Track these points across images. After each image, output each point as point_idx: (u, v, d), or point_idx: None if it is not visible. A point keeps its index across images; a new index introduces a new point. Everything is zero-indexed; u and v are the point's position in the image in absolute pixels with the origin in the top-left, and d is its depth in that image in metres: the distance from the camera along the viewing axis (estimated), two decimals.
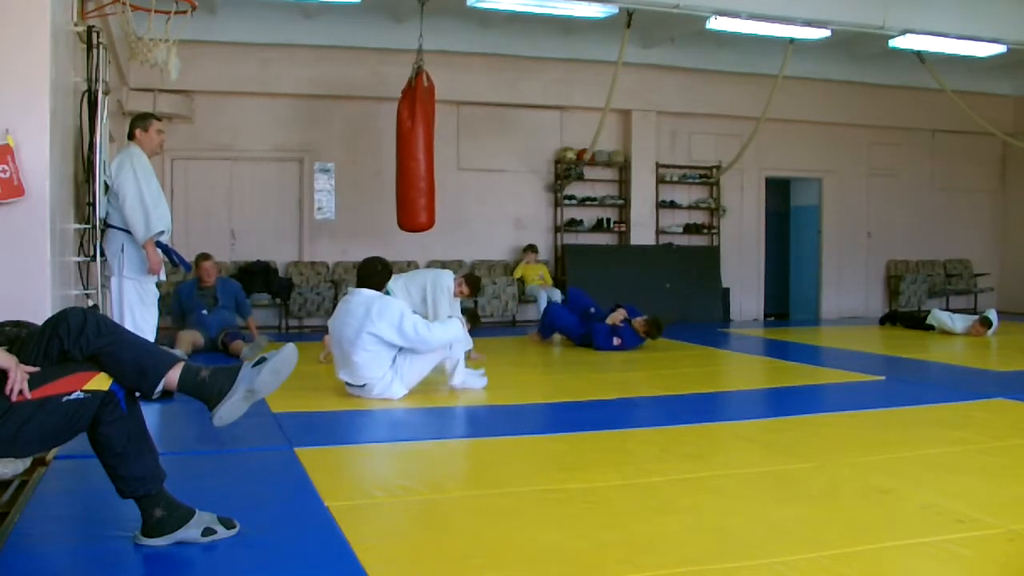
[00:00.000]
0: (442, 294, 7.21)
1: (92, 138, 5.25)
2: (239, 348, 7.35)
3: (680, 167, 12.17)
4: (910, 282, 12.94)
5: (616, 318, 8.15)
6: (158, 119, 5.84)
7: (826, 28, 9.51)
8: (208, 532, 2.72)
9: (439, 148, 9.59)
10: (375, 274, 5.49)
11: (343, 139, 10.82)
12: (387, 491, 3.39)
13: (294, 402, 5.06)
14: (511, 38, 10.79)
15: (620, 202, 11.95)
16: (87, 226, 5.40)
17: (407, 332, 5.26)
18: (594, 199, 11.82)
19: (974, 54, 10.52)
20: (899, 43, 9.89)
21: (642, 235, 11.86)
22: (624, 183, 11.98)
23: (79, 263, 5.37)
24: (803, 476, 3.64)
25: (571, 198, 11.70)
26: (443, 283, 7.28)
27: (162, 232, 5.60)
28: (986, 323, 9.56)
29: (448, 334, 5.42)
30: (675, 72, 11.65)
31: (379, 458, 4.21)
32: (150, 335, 5.58)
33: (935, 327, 9.92)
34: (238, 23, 9.92)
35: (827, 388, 6.24)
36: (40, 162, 4.20)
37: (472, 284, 7.41)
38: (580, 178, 11.64)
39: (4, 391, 2.46)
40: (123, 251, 5.54)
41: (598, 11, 9.17)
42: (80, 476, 3.45)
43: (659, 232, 12.04)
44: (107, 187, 5.51)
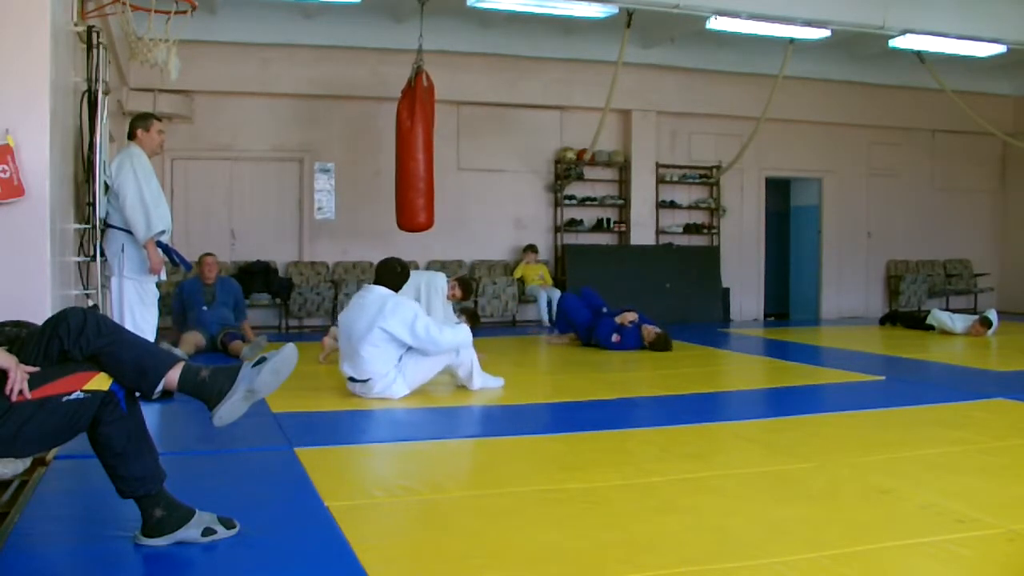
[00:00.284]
0: (436, 296, 7.23)
1: (92, 138, 5.24)
2: (239, 348, 7.36)
3: (680, 167, 12.17)
4: (910, 282, 12.94)
5: (626, 318, 8.15)
6: (159, 119, 5.84)
7: (826, 28, 9.51)
8: (208, 532, 2.72)
9: (439, 148, 9.59)
10: (394, 275, 5.60)
11: (343, 139, 10.83)
12: (387, 491, 3.39)
13: (294, 402, 5.06)
14: (511, 38, 10.79)
15: (620, 202, 11.95)
16: (87, 226, 5.40)
17: (419, 332, 5.36)
18: (594, 199, 11.82)
19: (974, 54, 10.52)
20: (899, 43, 9.90)
21: (642, 235, 11.87)
22: (624, 183, 11.98)
23: (79, 263, 5.37)
24: (803, 476, 3.64)
25: (571, 198, 11.71)
26: (437, 285, 7.31)
27: (163, 232, 5.60)
28: (986, 323, 9.56)
29: (458, 338, 5.55)
30: (675, 72, 11.65)
31: (379, 458, 4.21)
32: (150, 335, 5.59)
33: (935, 327, 9.92)
34: (238, 23, 9.93)
35: (827, 388, 6.24)
36: (40, 162, 4.20)
37: (465, 287, 7.43)
38: (580, 178, 11.64)
39: (4, 391, 2.47)
40: (123, 251, 5.53)
41: (598, 11, 9.17)
42: (80, 476, 3.45)
43: (659, 232, 12.04)
44: (107, 187, 5.50)
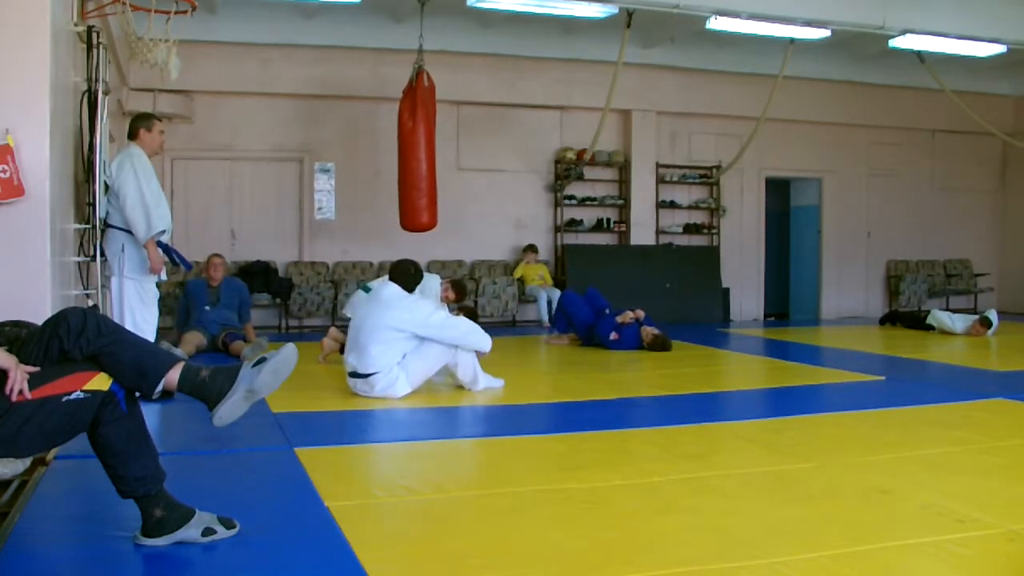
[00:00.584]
0: (431, 298, 7.24)
1: (92, 138, 5.24)
2: (239, 348, 7.36)
3: (680, 167, 12.17)
4: (910, 282, 12.94)
5: (627, 317, 8.16)
6: (160, 119, 5.84)
7: (826, 28, 9.51)
8: (208, 532, 2.72)
9: (439, 148, 9.59)
10: (408, 277, 5.77)
11: (343, 139, 10.82)
12: (387, 491, 3.39)
13: (294, 402, 5.06)
14: (511, 38, 10.79)
15: (620, 202, 11.95)
16: (87, 226, 5.39)
17: (433, 324, 5.57)
18: (594, 199, 11.82)
19: (974, 54, 10.52)
20: (899, 43, 9.89)
21: (642, 235, 11.87)
22: (624, 183, 11.98)
23: (79, 263, 5.37)
24: (803, 476, 3.64)
25: (571, 198, 11.71)
26: (431, 286, 7.34)
27: (163, 232, 5.60)
28: (986, 323, 9.56)
29: (468, 325, 5.72)
30: (675, 72, 11.66)
31: (379, 458, 4.21)
32: (150, 335, 5.58)
33: (935, 327, 9.92)
34: (238, 23, 9.94)
35: (827, 388, 6.24)
36: (40, 162, 4.20)
37: (458, 289, 7.46)
38: (580, 178, 11.64)
39: (4, 391, 2.46)
40: (123, 251, 5.52)
41: (598, 11, 9.17)
42: (80, 476, 3.44)
43: (659, 232, 12.04)
44: (107, 187, 5.50)
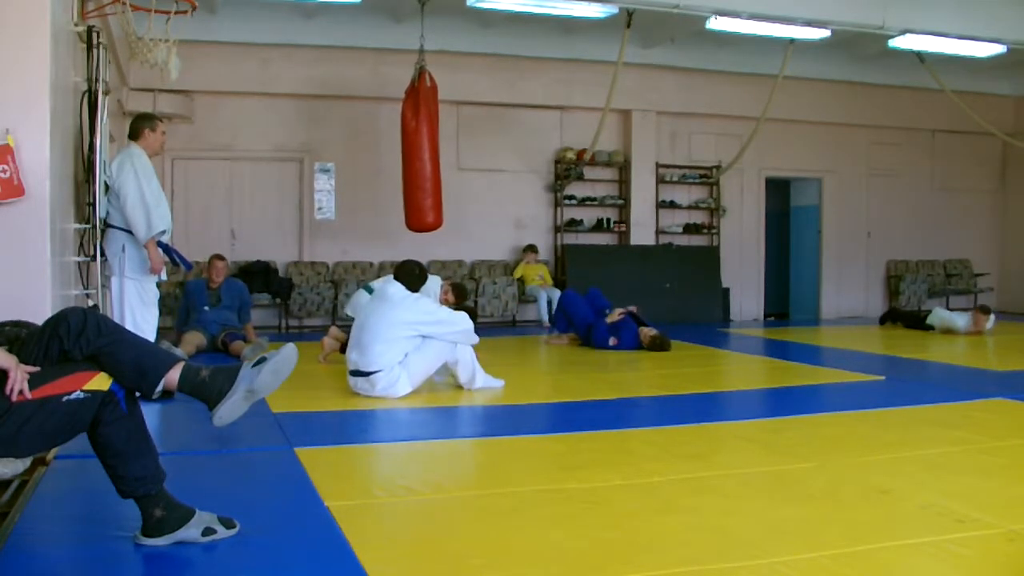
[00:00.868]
0: (428, 297, 7.25)
1: (92, 138, 5.24)
2: (239, 348, 7.36)
3: (680, 167, 12.17)
4: (910, 282, 12.94)
5: (615, 315, 8.19)
6: (161, 120, 5.84)
7: (826, 28, 9.51)
8: (208, 532, 2.72)
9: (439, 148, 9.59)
10: (412, 277, 5.84)
11: (343, 139, 10.82)
12: (387, 491, 3.39)
13: (294, 402, 5.06)
14: (511, 38, 10.79)
15: (620, 202, 11.95)
16: (87, 226, 5.39)
17: (440, 320, 5.66)
18: (594, 199, 11.82)
19: (974, 54, 10.52)
20: (899, 43, 9.89)
21: (642, 235, 11.87)
22: (624, 183, 11.98)
23: (79, 263, 5.37)
24: (803, 476, 3.64)
25: (571, 198, 11.71)
26: (429, 288, 7.34)
27: (163, 232, 5.59)
28: (986, 311, 9.59)
29: (467, 321, 5.76)
30: (675, 72, 11.65)
31: (379, 458, 4.21)
32: (150, 335, 5.58)
33: (935, 327, 9.92)
34: (238, 23, 9.93)
35: (827, 388, 6.24)
36: (40, 162, 4.20)
37: (458, 292, 7.45)
38: (580, 178, 11.64)
39: (4, 391, 2.46)
40: (124, 251, 5.51)
41: (598, 11, 9.17)
42: (80, 476, 3.44)
43: (659, 232, 12.04)
44: (107, 187, 5.50)
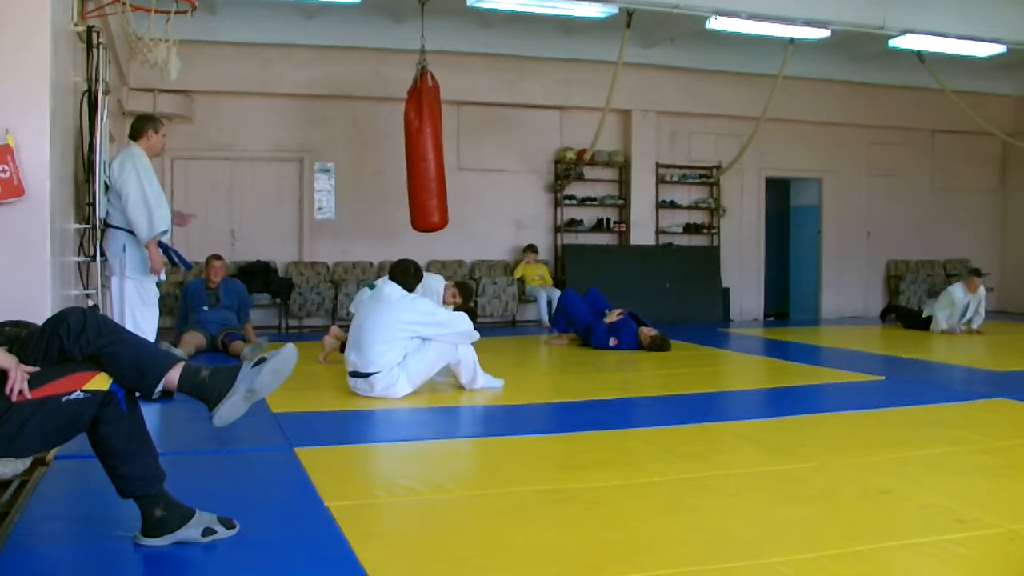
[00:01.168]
0: (432, 299, 7.24)
1: (92, 138, 5.24)
2: (239, 348, 7.35)
3: (680, 167, 12.17)
4: (910, 282, 12.93)
5: (613, 315, 8.20)
6: (163, 123, 5.84)
7: (826, 28, 9.51)
8: (208, 532, 2.72)
9: None
10: (408, 276, 5.81)
11: (343, 139, 10.82)
12: (387, 491, 3.38)
13: (294, 402, 5.06)
14: (511, 38, 10.79)
15: (620, 202, 11.95)
16: (87, 226, 5.39)
17: (438, 321, 5.60)
18: (594, 199, 11.82)
19: (974, 54, 10.52)
20: (899, 43, 9.90)
21: (642, 235, 11.87)
22: (624, 183, 11.98)
23: (79, 263, 5.37)
24: (803, 476, 3.64)
25: (571, 198, 11.71)
26: (433, 287, 7.34)
27: (164, 232, 5.60)
28: (978, 273, 9.88)
29: (467, 322, 5.71)
30: (675, 72, 11.65)
31: (379, 458, 4.21)
32: (151, 335, 5.58)
33: (935, 313, 10.00)
34: (238, 23, 9.93)
35: (827, 388, 6.24)
36: (40, 162, 4.20)
37: (464, 292, 7.45)
38: (580, 178, 11.64)
39: (4, 391, 2.47)
40: (124, 251, 5.51)
41: (598, 11, 9.17)
42: (80, 476, 3.45)
43: (659, 232, 12.04)
44: (107, 187, 5.50)
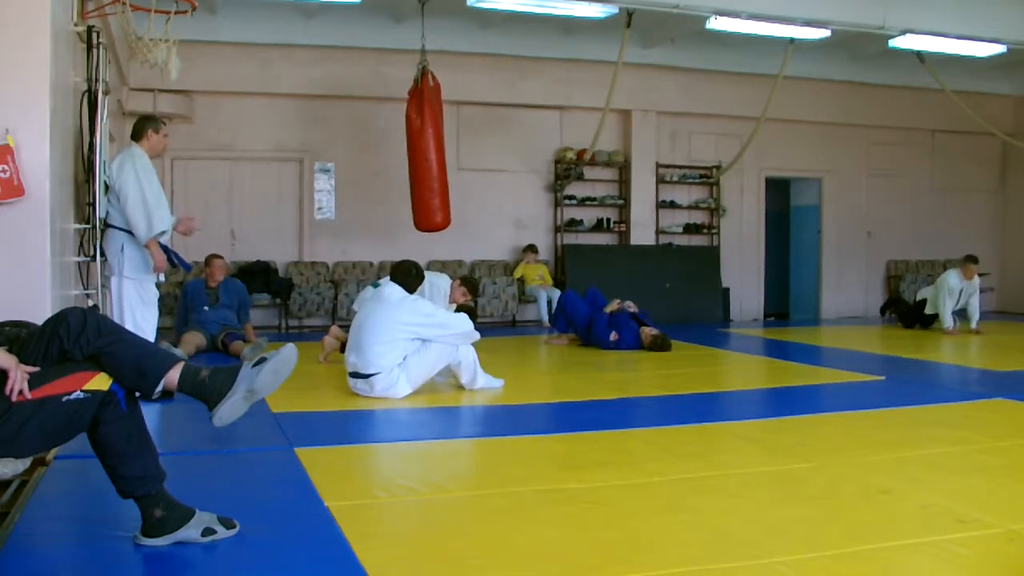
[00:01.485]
0: (438, 298, 7.25)
1: (92, 138, 5.24)
2: (239, 348, 7.35)
3: (680, 167, 12.17)
4: (910, 282, 12.93)
5: (614, 305, 8.21)
6: (164, 123, 5.83)
7: (826, 28, 9.51)
8: (208, 532, 2.72)
9: None
10: (409, 277, 5.78)
11: (343, 139, 10.82)
12: (387, 491, 3.38)
13: (294, 402, 5.06)
14: (511, 38, 10.79)
15: (620, 202, 11.95)
16: (87, 226, 5.39)
17: (436, 321, 5.58)
18: (594, 199, 11.82)
19: (974, 54, 10.52)
20: (899, 43, 9.90)
21: (642, 235, 11.87)
22: (624, 183, 11.98)
23: (79, 263, 5.37)
24: (803, 476, 3.64)
25: (571, 198, 11.71)
26: (440, 286, 7.35)
27: (163, 232, 5.59)
28: (974, 260, 9.93)
29: (467, 324, 5.68)
30: (675, 72, 11.65)
31: (379, 458, 4.21)
32: (150, 335, 5.58)
33: (928, 299, 10.12)
34: (238, 23, 9.93)
35: (827, 388, 6.24)
36: (40, 162, 4.20)
37: (472, 287, 7.46)
38: (580, 178, 11.64)
39: (4, 391, 2.47)
40: (123, 251, 5.51)
41: (598, 11, 9.17)
42: (80, 476, 3.45)
43: (659, 232, 12.04)
44: (107, 187, 5.50)
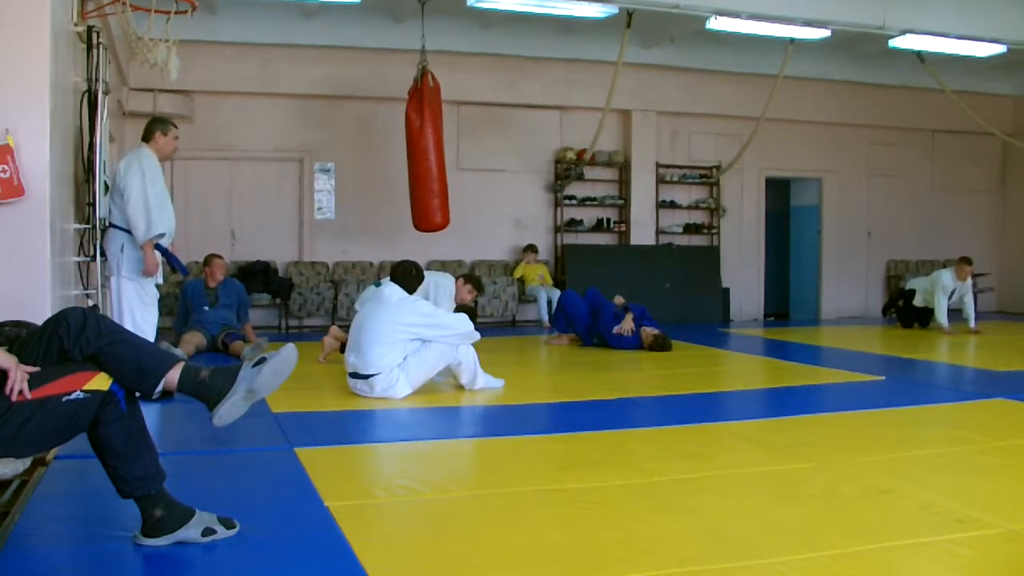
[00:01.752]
0: (443, 297, 7.25)
1: (92, 138, 5.25)
2: (239, 348, 7.35)
3: (680, 167, 12.17)
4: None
5: (625, 327, 8.13)
6: (175, 126, 5.76)
7: (826, 28, 9.51)
8: (208, 532, 2.72)
9: None
10: (409, 277, 5.79)
11: (343, 139, 10.82)
12: (387, 491, 3.38)
13: (294, 402, 5.06)
14: (511, 38, 10.79)
15: (620, 202, 11.95)
16: (87, 226, 5.39)
17: (436, 322, 5.56)
18: (594, 199, 11.82)
19: (974, 54, 10.51)
20: (899, 43, 9.89)
21: (642, 235, 11.87)
22: (624, 183, 11.98)
23: (79, 263, 5.37)
24: (803, 476, 3.64)
25: (571, 198, 11.71)
26: (445, 286, 7.35)
27: (162, 235, 5.55)
28: (968, 261, 10.05)
29: (468, 324, 5.66)
30: (675, 72, 11.65)
31: (379, 458, 4.21)
32: (150, 335, 5.57)
33: (916, 290, 10.32)
34: (238, 23, 9.93)
35: (827, 388, 6.24)
36: (40, 162, 4.21)
37: (476, 284, 7.46)
38: (580, 178, 11.64)
39: (4, 391, 2.47)
40: (123, 251, 5.51)
41: (598, 11, 9.17)
42: (80, 476, 3.45)
43: (659, 232, 12.04)
44: (107, 187, 5.50)
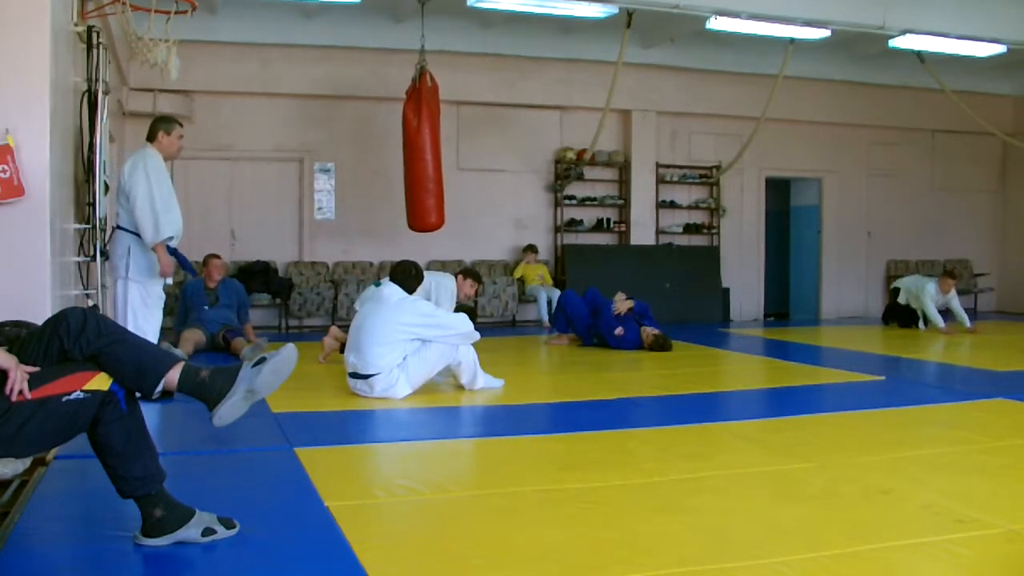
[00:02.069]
0: (445, 297, 7.26)
1: (92, 138, 5.24)
2: (240, 346, 7.36)
3: (680, 167, 12.17)
4: None
5: (620, 307, 8.15)
6: (180, 124, 5.68)
7: (826, 28, 9.51)
8: (208, 532, 2.72)
9: None
10: (409, 277, 5.79)
11: (343, 139, 10.82)
12: (387, 491, 3.38)
13: (294, 402, 5.06)
14: (511, 38, 10.79)
15: (620, 202, 11.95)
16: (87, 226, 5.39)
17: (435, 322, 5.56)
18: (594, 199, 11.82)
19: (974, 54, 10.51)
20: (899, 43, 9.89)
21: (642, 235, 11.87)
22: (624, 183, 11.98)
23: (79, 263, 5.37)
24: (803, 476, 3.64)
25: (571, 198, 11.71)
26: (446, 285, 7.36)
27: (171, 237, 5.47)
28: (952, 275, 10.17)
29: (468, 324, 5.65)
30: (675, 72, 11.65)
31: (379, 458, 4.21)
32: (152, 338, 5.54)
33: (902, 290, 10.43)
34: (238, 23, 9.93)
35: (827, 388, 6.24)
36: (40, 162, 4.21)
37: (476, 277, 7.48)
38: (580, 178, 11.64)
39: (4, 391, 2.47)
40: (129, 253, 5.45)
41: (598, 11, 9.17)
42: (80, 476, 3.45)
43: (659, 232, 12.04)
44: (107, 187, 5.49)
